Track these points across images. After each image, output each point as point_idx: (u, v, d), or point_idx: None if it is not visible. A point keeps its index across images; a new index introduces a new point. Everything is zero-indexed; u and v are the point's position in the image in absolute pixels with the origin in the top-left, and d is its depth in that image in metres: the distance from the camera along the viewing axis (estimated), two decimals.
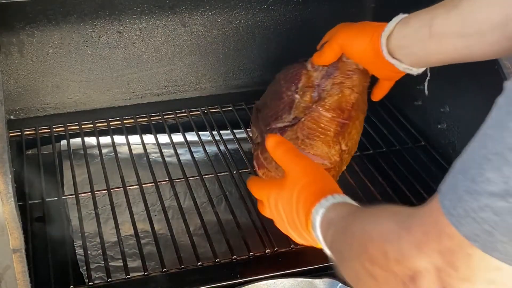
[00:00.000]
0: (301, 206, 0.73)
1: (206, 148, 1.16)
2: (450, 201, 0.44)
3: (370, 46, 0.90)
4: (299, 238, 0.77)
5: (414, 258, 0.48)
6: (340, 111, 0.97)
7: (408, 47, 0.87)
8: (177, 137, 1.20)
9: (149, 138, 1.20)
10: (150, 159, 1.14)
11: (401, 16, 0.89)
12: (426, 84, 1.03)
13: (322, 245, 0.70)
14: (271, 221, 0.99)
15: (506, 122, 0.41)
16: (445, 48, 0.82)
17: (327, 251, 0.69)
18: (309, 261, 0.93)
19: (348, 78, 0.98)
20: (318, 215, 0.69)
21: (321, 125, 0.97)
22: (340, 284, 0.88)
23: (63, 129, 1.21)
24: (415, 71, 0.90)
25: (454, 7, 0.79)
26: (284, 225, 0.79)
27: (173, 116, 1.26)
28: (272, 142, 0.82)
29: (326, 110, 0.97)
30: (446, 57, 0.84)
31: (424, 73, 0.94)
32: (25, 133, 1.20)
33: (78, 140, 1.19)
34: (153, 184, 1.07)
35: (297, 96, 1.01)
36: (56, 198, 1.05)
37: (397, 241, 0.50)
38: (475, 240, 0.43)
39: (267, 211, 0.83)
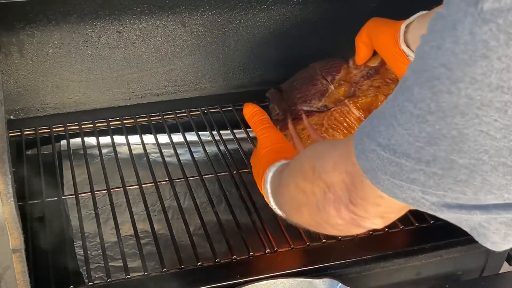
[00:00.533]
0: (261, 168, 0.85)
1: (206, 148, 1.16)
2: (358, 137, 0.54)
3: (391, 33, 0.96)
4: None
5: (330, 173, 0.60)
6: (368, 113, 0.99)
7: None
8: (177, 137, 1.20)
9: (149, 138, 1.20)
10: (150, 159, 1.14)
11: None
12: None
13: (268, 198, 0.81)
14: (271, 221, 0.99)
15: (405, 81, 0.47)
16: None
17: (272, 202, 0.81)
18: (309, 261, 0.93)
19: (386, 85, 1.01)
20: (270, 172, 0.81)
21: (348, 120, 1.01)
22: (340, 284, 0.88)
23: (63, 129, 1.21)
24: None
25: None
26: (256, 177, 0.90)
27: (173, 116, 1.26)
28: (249, 110, 0.96)
29: (356, 108, 1.01)
30: None
31: None
32: (25, 133, 1.20)
33: (78, 140, 1.19)
34: (153, 184, 1.07)
35: (332, 86, 1.05)
36: (56, 198, 1.05)
37: (322, 157, 0.62)
38: (366, 172, 0.53)
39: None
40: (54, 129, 1.21)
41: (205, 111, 1.28)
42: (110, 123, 1.24)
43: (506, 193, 0.45)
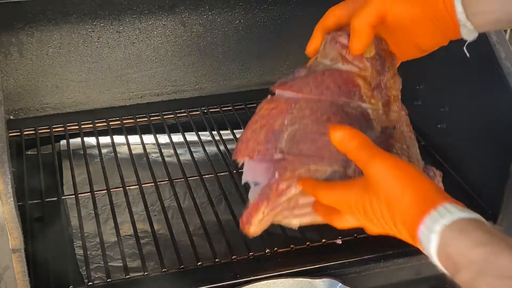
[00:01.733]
0: (400, 221, 0.59)
1: (206, 148, 1.16)
2: None
3: (436, 5, 0.69)
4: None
5: None
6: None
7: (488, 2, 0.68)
8: (177, 137, 1.20)
9: (149, 138, 1.20)
10: (150, 159, 1.14)
11: None
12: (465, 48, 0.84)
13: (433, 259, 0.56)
14: None
15: None
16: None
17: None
18: (309, 261, 0.93)
19: (392, 66, 0.81)
20: (430, 242, 0.55)
21: (410, 131, 0.80)
22: (340, 284, 0.88)
23: (63, 129, 1.21)
24: (472, 36, 0.71)
25: None
26: (381, 230, 0.64)
27: (172, 116, 1.26)
28: (341, 134, 0.65)
29: (404, 109, 0.81)
30: None
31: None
32: (25, 133, 1.20)
33: (78, 140, 1.19)
34: (152, 184, 1.07)
35: (366, 105, 0.77)
36: (55, 198, 1.05)
37: None
38: None
39: (348, 221, 0.68)
40: (54, 129, 1.21)
41: (205, 111, 1.28)
42: (110, 123, 1.24)
43: None
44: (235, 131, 1.22)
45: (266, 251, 0.94)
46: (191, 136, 1.21)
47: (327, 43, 0.80)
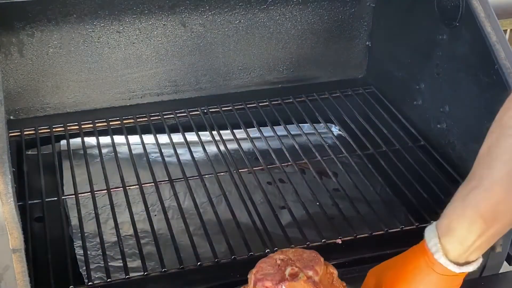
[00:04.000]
0: None
1: (206, 148, 1.16)
2: None
3: (436, 283, 0.72)
4: None
5: None
6: None
7: (470, 248, 0.70)
8: (177, 137, 1.20)
9: (149, 138, 1.20)
10: (150, 159, 1.14)
11: (433, 232, 0.72)
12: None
13: None
14: (271, 221, 0.99)
15: None
16: (506, 221, 0.69)
17: None
18: None
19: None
20: None
21: None
22: None
23: (63, 129, 1.21)
24: (479, 263, 0.73)
25: (492, 183, 0.67)
26: None
27: (173, 116, 1.26)
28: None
29: None
30: None
31: None
32: (25, 133, 1.20)
33: (78, 140, 1.19)
34: (153, 184, 1.07)
35: None
36: (55, 198, 1.04)
37: None
38: None
39: None
40: (54, 129, 1.21)
41: (205, 111, 1.28)
42: (110, 123, 1.24)
43: None
44: (235, 131, 1.22)
45: (266, 251, 0.94)
46: (191, 136, 1.21)
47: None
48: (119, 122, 1.24)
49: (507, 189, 0.66)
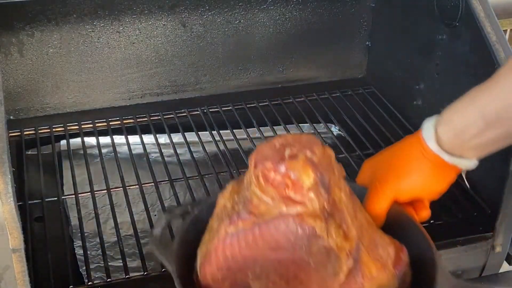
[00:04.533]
0: None
1: (206, 148, 1.16)
2: None
3: (421, 156, 0.74)
4: None
5: None
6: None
7: (463, 141, 0.72)
8: (177, 137, 1.20)
9: (149, 138, 1.20)
10: (150, 159, 1.14)
11: (430, 122, 0.75)
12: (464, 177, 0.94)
13: None
14: None
15: None
16: (507, 129, 0.70)
17: None
18: None
19: (334, 172, 0.74)
20: None
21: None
22: None
23: (63, 129, 1.21)
24: (474, 164, 0.75)
25: (501, 89, 0.69)
26: None
27: (173, 116, 1.26)
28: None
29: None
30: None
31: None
32: (25, 133, 1.20)
33: (78, 140, 1.19)
34: (152, 184, 1.07)
35: (326, 240, 0.71)
36: (55, 198, 1.04)
37: None
38: None
39: None
40: (54, 129, 1.21)
41: (205, 111, 1.28)
42: (110, 123, 1.24)
43: None
44: (235, 131, 1.22)
45: None
46: (191, 136, 1.20)
47: (260, 179, 0.70)
48: (119, 122, 1.24)
49: None
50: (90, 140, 1.21)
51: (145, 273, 0.90)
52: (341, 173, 0.74)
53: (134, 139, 1.20)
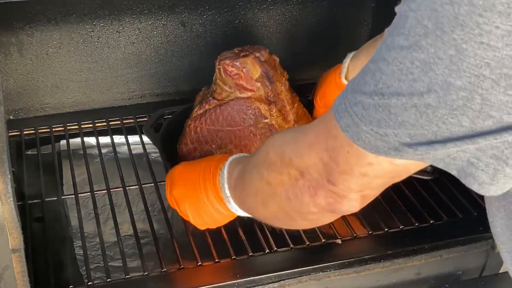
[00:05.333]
0: (211, 164, 0.83)
1: None
2: (338, 100, 0.53)
3: (334, 82, 1.09)
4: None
5: (306, 156, 0.58)
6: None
7: None
8: None
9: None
10: (150, 159, 1.14)
11: (351, 54, 1.07)
12: None
13: (225, 195, 0.79)
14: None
15: (385, 39, 0.48)
16: None
17: (232, 202, 0.78)
18: (308, 261, 0.93)
19: (277, 70, 1.05)
20: (225, 168, 0.79)
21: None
22: None
23: (63, 129, 1.21)
24: None
25: None
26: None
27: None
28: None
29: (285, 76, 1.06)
30: None
31: None
32: (25, 133, 1.20)
33: (78, 140, 1.19)
34: (152, 184, 1.07)
35: (269, 119, 1.01)
36: (55, 198, 1.05)
37: (294, 142, 0.61)
38: (346, 130, 0.52)
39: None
40: (53, 129, 1.21)
41: None
42: (110, 123, 1.24)
43: (506, 114, 0.43)
44: None
45: (266, 251, 0.94)
46: None
47: (221, 72, 1.00)
48: (119, 122, 1.24)
49: None
50: (90, 140, 1.20)
51: (145, 273, 0.90)
52: (284, 74, 1.04)
53: (134, 139, 1.20)
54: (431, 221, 1.00)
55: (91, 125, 1.23)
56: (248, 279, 0.90)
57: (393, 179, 0.56)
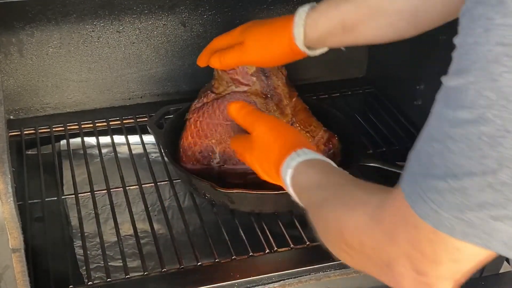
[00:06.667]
0: (271, 163, 0.78)
1: None
2: (408, 185, 0.50)
3: (289, 50, 0.89)
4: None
5: (387, 247, 0.53)
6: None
7: (323, 42, 0.87)
8: None
9: (149, 138, 1.20)
10: (150, 159, 1.14)
11: (304, 10, 0.86)
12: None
13: (289, 190, 0.75)
14: (271, 221, 0.99)
15: (443, 113, 0.47)
16: (358, 38, 0.84)
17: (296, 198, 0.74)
18: (308, 261, 0.93)
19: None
20: (287, 175, 0.73)
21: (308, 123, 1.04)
22: None
23: (63, 129, 1.21)
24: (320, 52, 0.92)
25: (363, 1, 0.81)
26: (264, 174, 0.83)
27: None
28: (233, 106, 0.91)
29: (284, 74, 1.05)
30: (359, 42, 0.86)
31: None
32: (25, 133, 1.20)
33: (78, 140, 1.19)
34: (152, 184, 1.07)
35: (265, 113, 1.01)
36: (55, 198, 1.05)
37: (371, 231, 0.55)
38: (426, 218, 0.47)
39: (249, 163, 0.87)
40: (54, 129, 1.21)
41: None
42: (110, 123, 1.24)
43: None
44: None
45: (266, 251, 0.94)
46: None
47: (219, 69, 1.01)
48: (119, 122, 1.24)
49: (373, 13, 0.80)
50: (90, 140, 1.20)
51: (145, 273, 0.90)
52: (281, 69, 1.03)
53: (134, 139, 1.20)
54: None
55: (91, 125, 1.23)
56: (248, 279, 0.90)
57: (488, 258, 0.50)
